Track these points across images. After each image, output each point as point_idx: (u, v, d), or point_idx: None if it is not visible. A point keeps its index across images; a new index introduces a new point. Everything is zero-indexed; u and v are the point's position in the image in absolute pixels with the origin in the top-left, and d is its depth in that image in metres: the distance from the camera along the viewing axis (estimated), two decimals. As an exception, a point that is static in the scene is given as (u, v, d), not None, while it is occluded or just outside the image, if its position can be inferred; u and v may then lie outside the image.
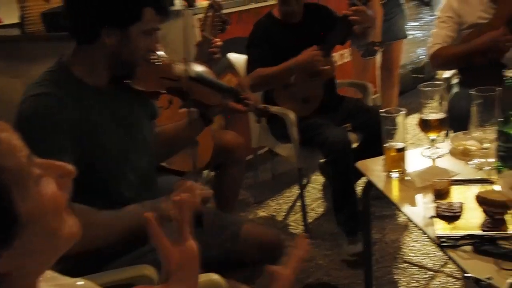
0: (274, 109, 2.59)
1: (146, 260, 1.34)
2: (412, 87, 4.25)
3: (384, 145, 1.62)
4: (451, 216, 1.32)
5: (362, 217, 2.07)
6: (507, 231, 1.28)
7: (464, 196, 1.46)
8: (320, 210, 2.96)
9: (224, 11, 2.40)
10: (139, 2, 1.34)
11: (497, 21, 2.47)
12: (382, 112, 1.63)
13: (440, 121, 1.67)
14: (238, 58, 2.82)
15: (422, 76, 4.69)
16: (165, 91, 1.51)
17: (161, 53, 1.45)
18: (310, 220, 2.82)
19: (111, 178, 1.38)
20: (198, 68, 1.56)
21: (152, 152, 1.53)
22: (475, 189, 1.47)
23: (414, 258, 2.43)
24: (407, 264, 2.39)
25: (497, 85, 1.65)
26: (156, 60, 1.41)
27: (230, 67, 2.81)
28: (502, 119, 1.56)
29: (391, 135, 1.60)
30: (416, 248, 2.49)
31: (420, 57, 4.89)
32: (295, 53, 2.51)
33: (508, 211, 1.34)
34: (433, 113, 1.69)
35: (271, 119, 2.68)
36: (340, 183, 2.46)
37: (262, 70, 2.50)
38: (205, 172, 2.43)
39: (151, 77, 1.44)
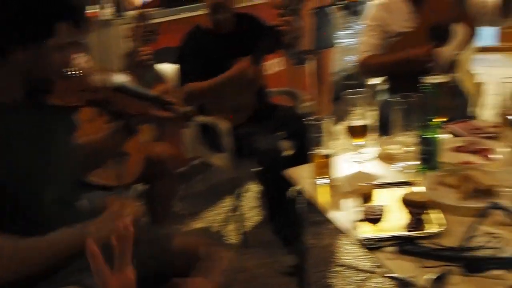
0: (206, 119, 2.61)
1: (72, 281, 1.31)
2: (354, 93, 4.37)
3: (312, 152, 1.67)
4: (374, 218, 1.38)
5: (295, 224, 2.12)
6: (425, 230, 1.35)
7: (389, 199, 1.53)
8: (257, 218, 2.99)
9: (154, 21, 2.40)
10: (51, 18, 1.28)
11: (420, 30, 2.62)
12: (308, 120, 1.68)
13: (364, 128, 1.75)
14: (168, 68, 2.81)
15: (354, 83, 4.84)
16: (85, 104, 1.49)
17: (81, 64, 1.42)
18: (247, 230, 2.85)
19: (28, 198, 1.34)
20: (120, 77, 1.55)
21: (73, 167, 1.50)
22: (399, 191, 1.55)
23: (349, 261, 2.50)
24: (342, 267, 2.47)
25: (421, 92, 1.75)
26: (74, 73, 1.38)
27: (160, 77, 2.80)
28: (422, 124, 1.65)
29: (318, 142, 1.65)
30: (351, 251, 2.57)
31: (353, 64, 5.05)
32: (226, 62, 2.54)
33: (426, 211, 1.42)
34: (358, 119, 1.77)
35: (204, 129, 2.70)
36: (274, 191, 2.50)
37: (194, 85, 2.52)
38: (136, 185, 2.40)
39: (69, 91, 1.41)
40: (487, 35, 6.74)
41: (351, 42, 4.97)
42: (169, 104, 1.55)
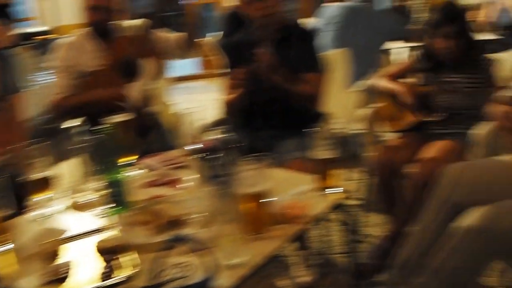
0: None
1: None
2: (44, 140, 4.21)
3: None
4: (61, 278, 1.35)
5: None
6: (118, 276, 1.37)
7: (82, 250, 1.51)
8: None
9: None
10: None
11: (110, 67, 2.72)
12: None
13: (47, 180, 1.70)
14: None
15: (52, 127, 4.68)
16: None
17: None
18: None
19: None
20: None
21: None
22: (94, 239, 1.54)
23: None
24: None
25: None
26: None
27: None
28: (106, 166, 1.69)
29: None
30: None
31: (48, 107, 4.87)
32: None
33: (120, 255, 1.45)
34: (40, 171, 1.71)
35: None
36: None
37: None
38: None
39: None
40: (190, 64, 7.38)
41: (45, 84, 4.82)
42: None
